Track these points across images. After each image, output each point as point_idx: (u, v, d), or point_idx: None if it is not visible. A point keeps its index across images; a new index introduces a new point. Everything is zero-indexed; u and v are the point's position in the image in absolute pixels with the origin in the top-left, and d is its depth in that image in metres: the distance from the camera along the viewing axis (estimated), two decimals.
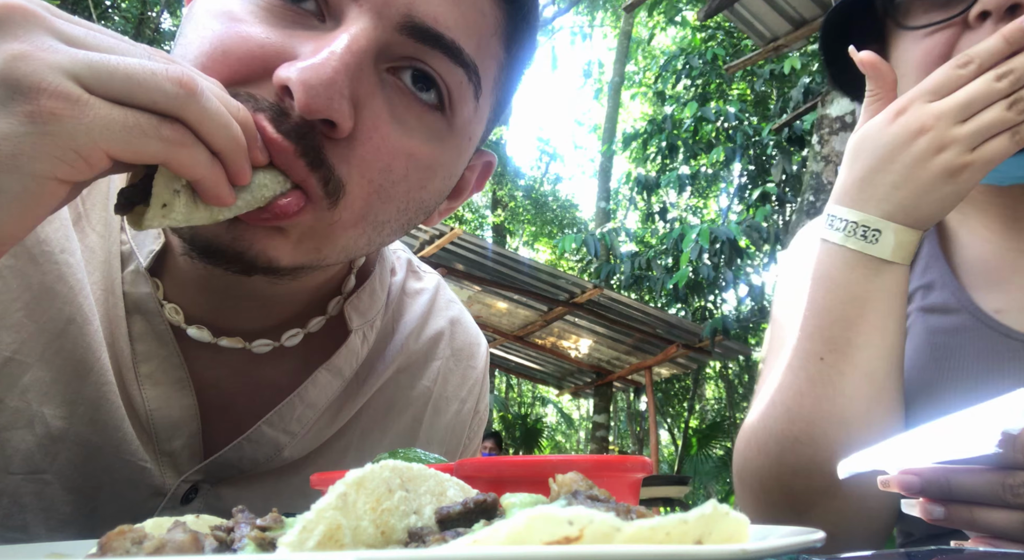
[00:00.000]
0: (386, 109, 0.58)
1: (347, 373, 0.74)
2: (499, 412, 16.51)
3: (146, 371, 0.67)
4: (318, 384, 0.72)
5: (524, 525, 0.28)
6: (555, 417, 21.82)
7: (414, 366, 0.83)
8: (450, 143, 0.63)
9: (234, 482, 0.71)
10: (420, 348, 0.84)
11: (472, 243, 7.26)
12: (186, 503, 0.69)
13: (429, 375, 0.84)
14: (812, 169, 5.14)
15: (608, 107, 14.99)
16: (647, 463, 0.51)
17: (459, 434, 0.88)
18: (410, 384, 0.82)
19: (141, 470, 0.67)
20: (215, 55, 0.55)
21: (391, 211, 0.62)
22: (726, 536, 0.31)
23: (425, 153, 0.61)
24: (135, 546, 0.36)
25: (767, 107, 11.10)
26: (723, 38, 11.17)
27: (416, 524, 0.37)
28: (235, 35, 0.56)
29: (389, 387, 0.81)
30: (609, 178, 14.20)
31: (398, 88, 0.59)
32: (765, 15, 5.69)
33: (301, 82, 0.52)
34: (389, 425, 0.80)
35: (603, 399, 11.53)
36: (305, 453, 0.74)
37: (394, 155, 0.59)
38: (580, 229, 15.09)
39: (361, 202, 0.59)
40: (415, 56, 0.58)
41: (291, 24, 0.57)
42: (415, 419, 0.83)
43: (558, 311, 8.48)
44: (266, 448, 0.70)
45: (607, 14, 17.38)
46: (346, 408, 0.76)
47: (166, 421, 0.68)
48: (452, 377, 0.87)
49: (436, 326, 0.87)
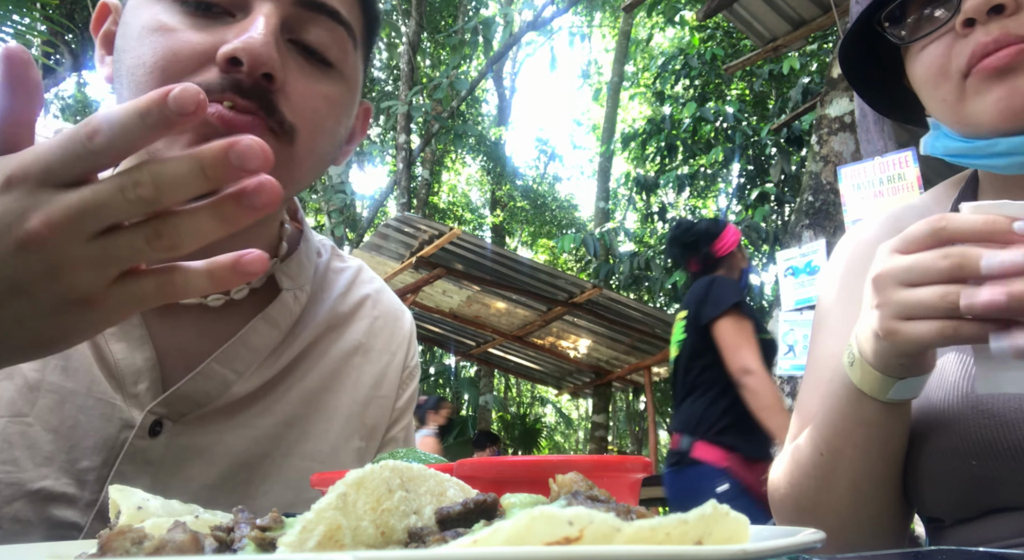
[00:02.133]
0: (297, 66, 0.76)
1: (282, 325, 0.88)
2: (498, 412, 16.51)
3: (110, 330, 0.79)
4: (257, 331, 0.85)
5: (524, 525, 0.28)
6: (554, 417, 21.82)
7: (343, 323, 0.97)
8: (344, 87, 0.82)
9: (194, 417, 0.82)
10: (347, 309, 0.98)
11: (471, 243, 7.26)
12: (154, 435, 0.79)
13: (358, 330, 0.98)
14: (811, 169, 5.15)
15: (607, 107, 15.00)
16: (647, 463, 0.51)
17: (391, 383, 1.00)
18: (340, 337, 0.96)
19: (112, 407, 0.78)
20: (168, 58, 0.72)
21: (325, 145, 0.81)
22: (726, 536, 0.31)
23: (334, 95, 0.80)
24: (135, 546, 0.36)
25: (766, 107, 11.11)
26: (722, 38, 11.18)
27: (416, 524, 0.37)
28: (179, 43, 0.72)
29: (323, 340, 0.94)
30: (608, 178, 14.20)
31: (298, 55, 0.78)
32: (764, 15, 5.70)
33: (245, 49, 0.70)
34: (324, 369, 0.93)
35: (602, 399, 11.55)
36: (252, 390, 0.86)
37: (317, 98, 0.78)
38: (579, 229, 15.09)
39: (307, 138, 0.77)
40: (308, 24, 0.77)
41: (212, 24, 0.74)
42: (347, 363, 0.95)
43: (557, 311, 8.48)
44: (216, 383, 0.82)
45: (605, 14, 17.39)
46: (285, 355, 0.89)
47: (131, 368, 0.80)
48: (380, 334, 1.00)
49: (361, 292, 1.01)
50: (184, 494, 0.76)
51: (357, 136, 0.93)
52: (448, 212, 18.98)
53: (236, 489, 0.83)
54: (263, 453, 0.85)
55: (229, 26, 0.74)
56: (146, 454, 0.78)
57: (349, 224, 11.03)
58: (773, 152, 9.45)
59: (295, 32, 0.76)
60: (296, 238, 0.95)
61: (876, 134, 3.95)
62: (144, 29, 0.74)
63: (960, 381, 0.79)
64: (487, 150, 16.95)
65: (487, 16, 11.06)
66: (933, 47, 0.82)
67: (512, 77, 18.77)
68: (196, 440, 0.81)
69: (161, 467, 0.79)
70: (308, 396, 0.90)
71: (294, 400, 0.89)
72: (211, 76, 0.71)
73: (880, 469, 0.78)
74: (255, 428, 0.85)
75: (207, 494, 0.81)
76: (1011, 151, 0.79)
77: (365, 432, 0.95)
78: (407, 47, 11.29)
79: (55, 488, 0.75)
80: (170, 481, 0.79)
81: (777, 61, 8.30)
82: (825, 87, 5.30)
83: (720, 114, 9.68)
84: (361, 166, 17.25)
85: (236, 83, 0.71)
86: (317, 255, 0.98)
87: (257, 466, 0.85)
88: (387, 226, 7.50)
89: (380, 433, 0.97)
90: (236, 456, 0.83)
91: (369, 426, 0.95)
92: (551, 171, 20.12)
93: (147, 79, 0.73)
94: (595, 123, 20.25)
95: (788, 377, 4.44)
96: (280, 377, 0.88)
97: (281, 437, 0.87)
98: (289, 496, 0.86)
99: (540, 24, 11.28)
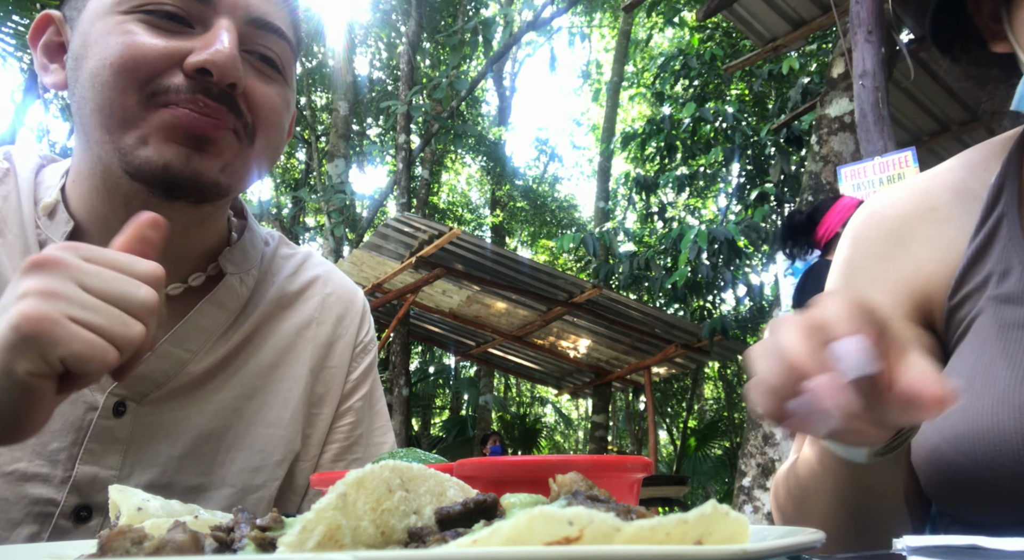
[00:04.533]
0: (254, 74, 0.86)
1: (230, 306, 0.95)
2: (498, 412, 16.50)
3: None
4: (204, 313, 0.92)
5: (524, 525, 0.28)
6: (554, 417, 21.82)
7: (293, 301, 1.03)
8: (289, 92, 0.93)
9: (156, 397, 0.87)
10: (296, 288, 1.04)
11: (471, 243, 7.25)
12: (118, 415, 0.85)
13: (308, 307, 1.04)
14: (810, 169, 5.15)
15: (607, 107, 15.00)
16: (647, 463, 0.51)
17: (342, 355, 1.06)
18: (292, 314, 1.02)
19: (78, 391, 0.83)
20: (134, 58, 0.79)
21: (277, 141, 0.91)
22: (726, 536, 0.31)
23: (283, 98, 0.91)
24: (135, 546, 0.36)
25: (765, 107, 11.10)
26: (721, 38, 11.17)
27: (416, 524, 0.37)
28: (144, 43, 0.79)
29: (273, 318, 1.00)
30: (608, 178, 14.19)
31: (254, 64, 0.87)
32: (764, 15, 5.70)
33: (215, 62, 0.79)
34: (277, 343, 0.99)
35: (602, 399, 11.54)
36: (208, 367, 0.92)
37: (272, 101, 0.88)
38: (579, 229, 15.09)
39: (264, 136, 0.88)
40: (259, 40, 0.87)
41: (170, 32, 0.81)
42: (300, 337, 1.02)
43: (557, 311, 8.48)
44: (171, 363, 0.88)
45: (605, 14, 17.38)
46: (237, 333, 0.95)
47: None
48: (333, 308, 1.07)
49: (310, 273, 1.07)
50: (154, 467, 0.86)
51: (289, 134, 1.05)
52: (448, 212, 18.98)
53: (204, 459, 0.90)
54: (226, 424, 0.92)
55: (192, 37, 0.81)
56: (113, 433, 0.84)
57: (349, 224, 11.03)
58: (773, 152, 9.44)
59: (247, 45, 0.86)
60: (241, 230, 1.03)
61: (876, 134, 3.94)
62: (108, 34, 0.80)
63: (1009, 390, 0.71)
64: (487, 150, 16.94)
65: (487, 16, 11.06)
66: None
67: (512, 77, 18.77)
68: (160, 417, 0.87)
69: (129, 444, 0.85)
70: (265, 369, 0.97)
71: (251, 374, 0.95)
72: (178, 80, 0.80)
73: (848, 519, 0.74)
74: (215, 403, 0.92)
75: (176, 465, 0.88)
76: None
77: (315, 399, 1.02)
78: (407, 47, 11.28)
79: (29, 469, 0.80)
80: (139, 455, 0.85)
81: (777, 61, 8.29)
82: (825, 87, 5.30)
83: (720, 114, 9.66)
84: (361, 166, 17.25)
85: (205, 88, 0.80)
86: (265, 243, 1.05)
87: (222, 437, 0.92)
88: (387, 226, 7.50)
89: (333, 402, 1.04)
90: (200, 429, 0.90)
91: (319, 394, 1.02)
92: (551, 171, 20.13)
93: (113, 79, 0.78)
94: (595, 123, 20.24)
95: None
96: (235, 353, 0.95)
97: (242, 409, 0.94)
98: (255, 460, 0.94)
99: (539, 24, 11.27)
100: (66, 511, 0.81)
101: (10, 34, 6.16)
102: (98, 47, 0.80)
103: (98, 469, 0.83)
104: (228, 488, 0.91)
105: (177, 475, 0.88)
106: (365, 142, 16.14)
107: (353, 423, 1.05)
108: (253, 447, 0.94)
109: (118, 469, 0.84)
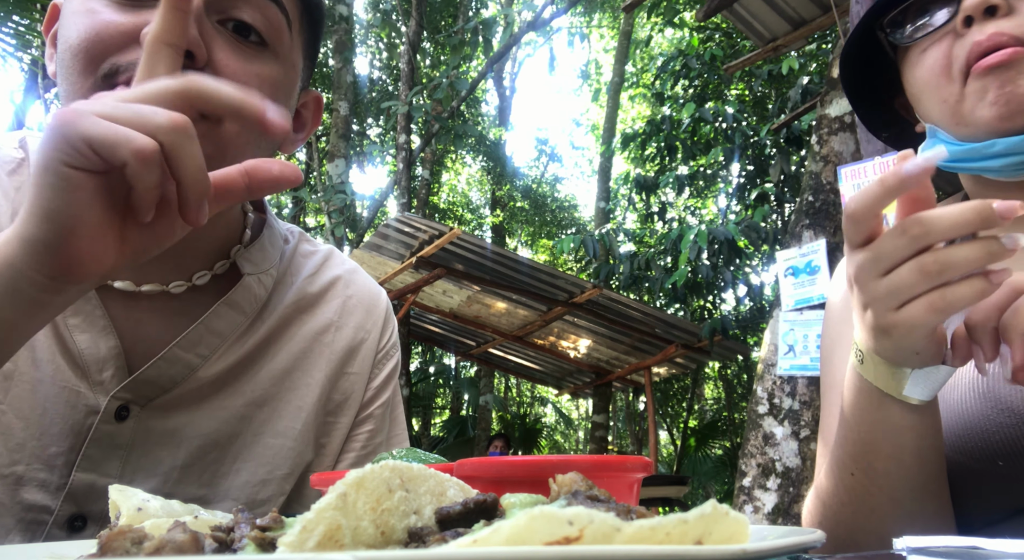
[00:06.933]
0: (228, 46, 0.77)
1: (247, 308, 0.89)
2: (498, 412, 16.50)
3: (74, 322, 0.81)
4: (219, 315, 0.86)
5: (524, 525, 0.28)
6: (554, 417, 21.81)
7: (313, 303, 0.97)
8: (280, 67, 0.82)
9: (162, 402, 0.83)
10: (316, 290, 0.98)
11: (471, 243, 7.25)
12: (121, 420, 0.81)
13: (329, 309, 0.98)
14: (811, 169, 5.15)
15: (607, 107, 14.99)
16: (647, 463, 0.51)
17: (364, 361, 1.00)
18: (311, 317, 0.96)
19: (76, 394, 0.80)
20: (92, 38, 0.74)
21: None
22: (726, 536, 0.31)
23: (267, 73, 0.80)
24: (135, 546, 0.36)
25: (765, 107, 11.09)
26: (721, 39, 11.17)
27: (416, 524, 0.37)
28: (102, 22, 0.74)
29: (292, 321, 0.94)
30: (609, 178, 14.19)
31: (229, 35, 0.78)
32: (764, 15, 5.69)
33: None
34: (294, 348, 0.93)
35: (602, 399, 11.53)
36: (219, 373, 0.86)
37: (248, 76, 0.78)
38: (579, 229, 15.08)
39: None
40: (233, 6, 0.78)
41: (139, 8, 0.75)
42: (318, 342, 0.96)
43: (557, 311, 8.48)
44: (180, 368, 0.83)
45: (605, 15, 17.38)
46: (253, 337, 0.90)
47: (95, 357, 0.81)
48: (354, 312, 1.01)
49: (332, 273, 1.01)
50: (154, 476, 0.82)
51: (310, 126, 0.96)
52: (448, 212, 18.99)
53: (207, 469, 0.85)
54: (233, 433, 0.87)
55: (152, 10, 0.74)
56: (113, 438, 0.80)
57: (349, 224, 11.02)
58: (773, 152, 9.44)
59: (225, 11, 0.78)
60: (260, 226, 0.96)
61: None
62: (74, 14, 0.76)
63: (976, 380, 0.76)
64: (487, 150, 16.94)
65: (487, 16, 11.06)
66: (934, 49, 0.83)
67: (512, 77, 18.76)
68: (165, 423, 0.83)
69: (130, 450, 0.81)
70: (279, 376, 0.91)
71: (264, 380, 0.90)
72: (135, 56, 0.73)
73: (919, 479, 0.73)
74: (224, 410, 0.87)
75: (178, 475, 0.83)
76: (1007, 151, 0.79)
77: (332, 407, 0.96)
78: (407, 47, 11.28)
79: (26, 473, 0.77)
80: (140, 462, 0.81)
81: (777, 61, 8.29)
82: (825, 87, 5.29)
83: (720, 114, 9.65)
84: (361, 166, 17.25)
85: None
86: (284, 241, 0.99)
87: (228, 446, 0.87)
88: (387, 226, 7.50)
89: (353, 409, 0.98)
90: (206, 437, 0.85)
91: (336, 401, 0.96)
92: (551, 171, 20.13)
93: (73, 62, 0.74)
94: (595, 123, 20.24)
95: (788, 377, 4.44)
96: (249, 359, 0.89)
97: (251, 417, 0.89)
98: (261, 473, 0.88)
99: (539, 24, 11.27)
100: (60, 520, 0.78)
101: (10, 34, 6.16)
102: (64, 30, 0.77)
103: (96, 476, 0.79)
104: (231, 502, 0.86)
105: (178, 486, 0.83)
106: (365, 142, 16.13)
107: (372, 431, 0.99)
108: (260, 459, 0.88)
109: (117, 477, 0.80)
